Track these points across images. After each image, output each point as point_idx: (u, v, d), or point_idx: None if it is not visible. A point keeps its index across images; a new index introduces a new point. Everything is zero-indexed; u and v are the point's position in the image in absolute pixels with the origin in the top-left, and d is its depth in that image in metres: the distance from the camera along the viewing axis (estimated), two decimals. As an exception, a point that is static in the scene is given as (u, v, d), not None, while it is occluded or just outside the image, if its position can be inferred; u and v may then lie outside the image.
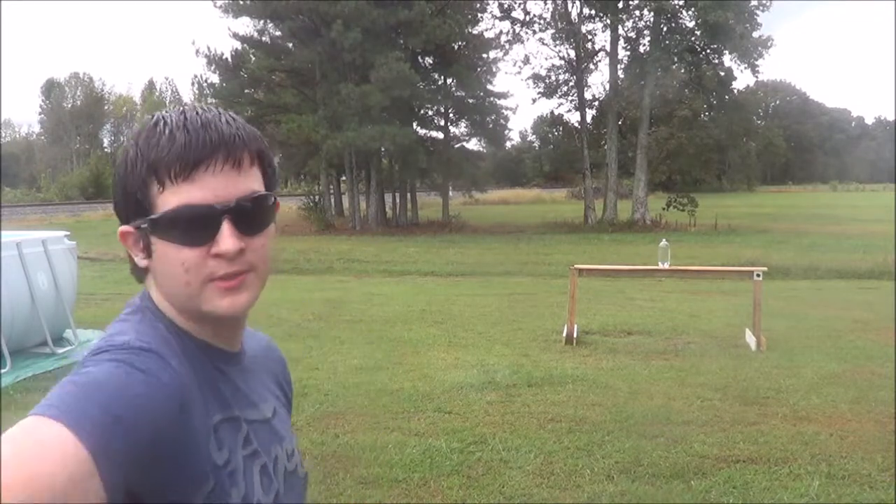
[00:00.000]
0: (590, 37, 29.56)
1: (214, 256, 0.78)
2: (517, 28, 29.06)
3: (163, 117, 0.81)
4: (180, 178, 0.77)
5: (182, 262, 0.78)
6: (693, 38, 27.21)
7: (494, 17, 29.55)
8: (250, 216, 0.80)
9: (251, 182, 0.81)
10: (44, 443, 0.61)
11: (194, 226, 0.77)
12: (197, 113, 0.80)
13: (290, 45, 26.80)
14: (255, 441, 0.84)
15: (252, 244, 0.80)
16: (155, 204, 0.78)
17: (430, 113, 29.50)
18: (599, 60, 30.37)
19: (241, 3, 25.58)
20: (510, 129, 45.29)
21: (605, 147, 29.36)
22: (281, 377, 1.03)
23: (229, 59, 26.42)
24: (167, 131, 0.78)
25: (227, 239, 0.78)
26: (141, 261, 0.83)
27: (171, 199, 0.77)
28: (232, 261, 0.79)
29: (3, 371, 5.82)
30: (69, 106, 69.02)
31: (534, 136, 74.94)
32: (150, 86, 77.82)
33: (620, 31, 27.98)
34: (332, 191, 29.48)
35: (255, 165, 0.82)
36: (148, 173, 0.78)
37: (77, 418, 0.63)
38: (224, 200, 0.78)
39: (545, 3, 31.52)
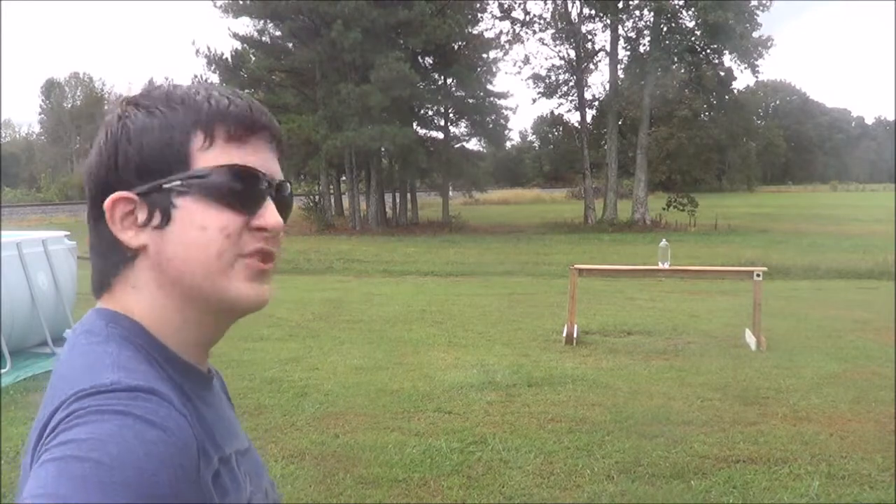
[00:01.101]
0: (590, 37, 29.64)
1: (256, 230, 0.70)
2: (517, 28, 29.12)
3: (203, 83, 0.74)
4: (234, 139, 0.70)
5: (222, 227, 0.68)
6: (693, 38, 27.23)
7: (494, 17, 29.66)
8: (283, 203, 0.74)
9: (280, 170, 0.76)
10: None
11: (244, 190, 0.69)
12: (232, 90, 0.74)
13: (290, 45, 26.80)
14: (249, 481, 0.73)
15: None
16: (195, 159, 0.69)
17: (430, 113, 29.53)
18: (599, 60, 30.45)
19: (241, 3, 25.58)
20: (510, 129, 45.25)
21: (605, 147, 29.38)
22: (224, 387, 0.89)
23: (229, 59, 26.42)
24: (216, 93, 0.71)
25: (274, 213, 0.71)
26: (135, 238, 0.69)
27: (219, 157, 0.69)
28: (272, 239, 0.71)
29: (3, 371, 5.81)
30: (69, 106, 68.95)
31: (534, 136, 75.04)
32: (150, 86, 77.87)
33: (620, 31, 28.02)
34: (332, 191, 29.47)
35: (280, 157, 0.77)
36: (195, 125, 0.69)
37: None
38: (271, 175, 0.72)
39: (545, 3, 31.65)
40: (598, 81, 79.43)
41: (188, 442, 0.60)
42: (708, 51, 27.49)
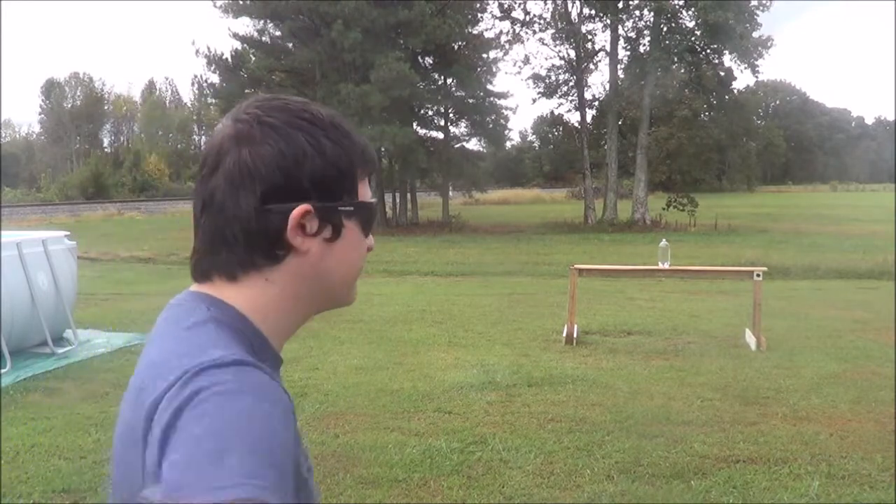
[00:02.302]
0: (590, 37, 29.57)
1: (367, 250, 0.86)
2: (517, 28, 29.08)
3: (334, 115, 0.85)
4: (366, 177, 0.83)
5: (364, 251, 0.84)
6: (693, 38, 27.20)
7: (494, 17, 29.60)
8: None
9: None
10: None
11: (373, 220, 0.85)
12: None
13: (290, 45, 26.80)
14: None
15: None
16: (358, 190, 0.82)
17: (430, 113, 29.50)
18: (599, 60, 30.41)
19: (241, 3, 25.59)
20: (510, 129, 45.04)
21: (605, 147, 29.36)
22: None
23: (229, 59, 26.42)
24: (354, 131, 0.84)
25: (372, 237, 0.87)
26: (303, 243, 0.76)
27: (363, 191, 0.82)
28: None
29: (3, 371, 5.82)
30: (69, 106, 68.97)
31: (534, 136, 75.02)
32: (150, 86, 78.08)
33: (620, 31, 27.99)
34: (332, 191, 29.45)
35: None
36: (358, 160, 0.81)
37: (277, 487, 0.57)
38: None
39: (545, 3, 31.63)
40: (598, 81, 79.39)
41: (288, 404, 0.66)
42: (708, 51, 27.46)
